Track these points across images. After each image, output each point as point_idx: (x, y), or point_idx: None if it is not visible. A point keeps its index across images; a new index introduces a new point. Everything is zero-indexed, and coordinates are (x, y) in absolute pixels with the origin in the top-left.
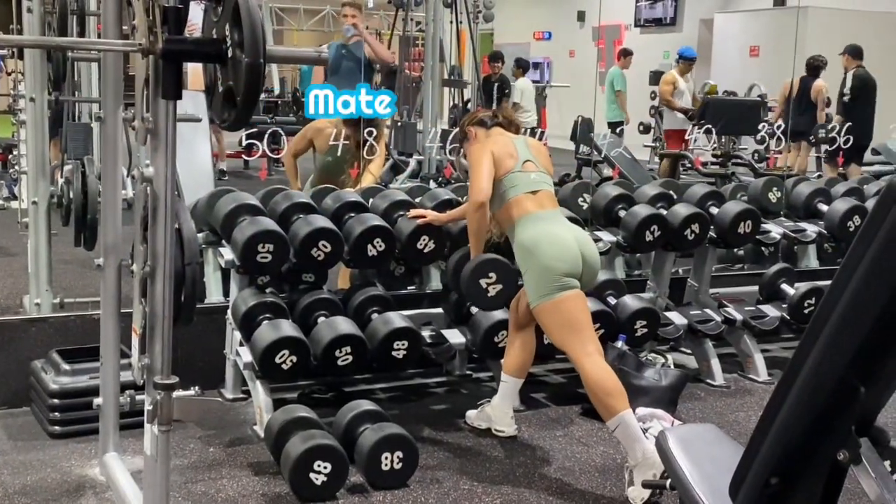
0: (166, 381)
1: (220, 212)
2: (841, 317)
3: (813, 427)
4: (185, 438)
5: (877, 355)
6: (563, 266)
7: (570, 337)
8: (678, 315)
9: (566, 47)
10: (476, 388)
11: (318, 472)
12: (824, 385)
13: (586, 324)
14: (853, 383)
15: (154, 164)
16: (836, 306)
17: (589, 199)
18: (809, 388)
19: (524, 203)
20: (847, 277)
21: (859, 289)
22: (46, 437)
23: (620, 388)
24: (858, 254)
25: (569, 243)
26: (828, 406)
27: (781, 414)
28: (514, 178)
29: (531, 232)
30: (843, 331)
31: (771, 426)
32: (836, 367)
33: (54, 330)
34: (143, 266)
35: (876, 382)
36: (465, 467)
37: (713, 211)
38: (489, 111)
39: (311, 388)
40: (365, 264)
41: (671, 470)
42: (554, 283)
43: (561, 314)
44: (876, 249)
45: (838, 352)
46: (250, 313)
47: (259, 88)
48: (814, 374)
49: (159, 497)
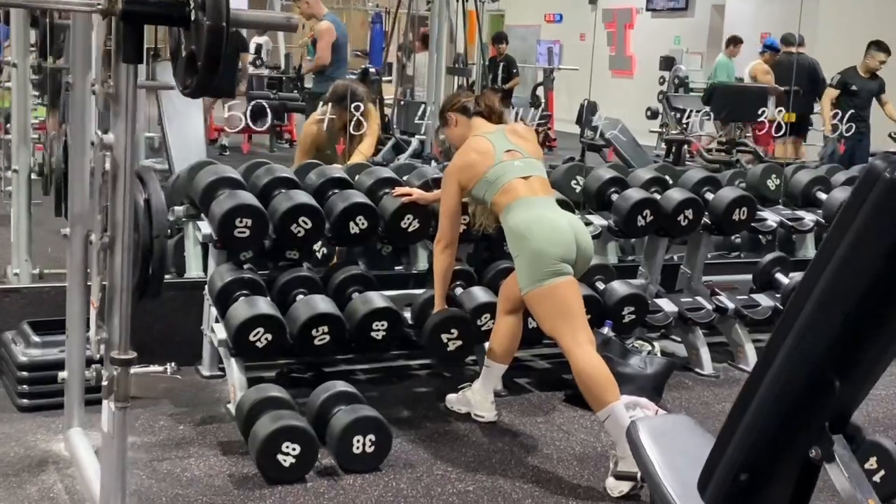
0: (124, 356)
1: (199, 184)
2: (815, 306)
3: (784, 422)
4: (156, 415)
5: (852, 348)
6: (557, 251)
7: (562, 325)
8: (668, 302)
9: (577, 30)
10: (459, 371)
11: (286, 453)
12: (797, 378)
13: (579, 312)
14: (828, 377)
15: (114, 131)
16: (811, 295)
17: (582, 181)
18: (781, 380)
19: (516, 188)
20: (822, 265)
21: (835, 278)
22: (14, 411)
23: (611, 379)
24: (834, 241)
25: (563, 228)
26: (800, 400)
27: (752, 407)
28: (498, 169)
29: (524, 216)
30: (818, 321)
31: (741, 419)
32: (809, 360)
33: (28, 301)
34: (100, 236)
35: (852, 377)
36: (441, 452)
37: (708, 197)
38: (472, 97)
39: (289, 368)
40: (347, 242)
41: (640, 462)
42: (547, 269)
43: (553, 301)
44: (853, 236)
45: (812, 343)
46: (226, 289)
47: (221, 53)
48: (786, 365)
49: (116, 474)
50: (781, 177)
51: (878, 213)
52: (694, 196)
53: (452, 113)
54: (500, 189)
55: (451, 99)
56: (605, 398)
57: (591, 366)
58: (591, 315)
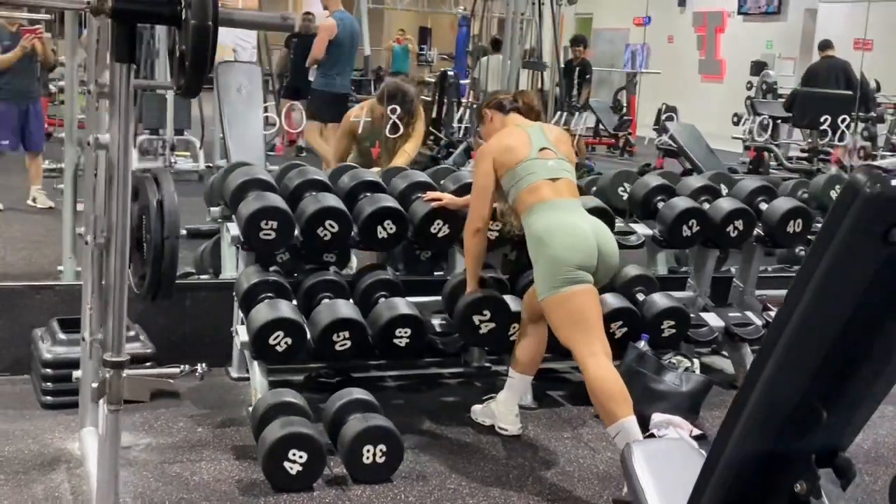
0: (116, 358)
1: (230, 186)
2: (796, 332)
3: (768, 453)
4: (177, 416)
5: (838, 376)
6: (576, 257)
7: (577, 334)
8: (715, 317)
9: (665, 33)
10: (492, 381)
11: (292, 460)
12: (780, 408)
13: (595, 322)
14: (814, 406)
15: (109, 131)
16: (791, 319)
17: (629, 188)
18: (764, 410)
19: (541, 190)
20: (802, 287)
21: (815, 302)
22: (38, 407)
23: (625, 393)
24: (814, 261)
25: (585, 234)
26: (784, 431)
27: (735, 436)
28: (529, 166)
29: (545, 221)
30: (800, 348)
31: (724, 448)
32: (792, 389)
33: (59, 298)
34: (94, 237)
35: (840, 406)
36: (457, 465)
37: (763, 207)
38: (510, 94)
39: (318, 372)
40: (374, 246)
41: (631, 487)
42: (564, 276)
43: (569, 309)
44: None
45: (795, 371)
46: (251, 291)
47: (207, 53)
48: (768, 394)
49: (109, 476)
50: None
51: (858, 230)
52: (744, 206)
53: (489, 109)
54: (526, 187)
55: (489, 96)
56: (617, 413)
57: (604, 378)
58: (627, 328)
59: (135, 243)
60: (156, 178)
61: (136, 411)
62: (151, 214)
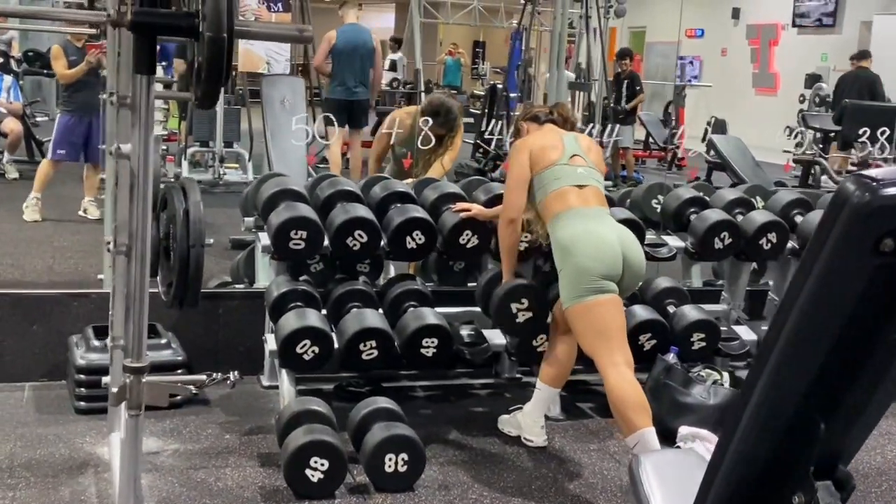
0: (137, 364)
1: (262, 196)
2: (788, 344)
3: (765, 466)
4: (206, 423)
5: (834, 388)
6: (601, 267)
7: (599, 343)
8: (747, 330)
9: (718, 45)
10: (522, 392)
11: (314, 468)
12: (777, 419)
13: (617, 331)
14: (811, 417)
15: (131, 140)
16: (783, 331)
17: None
18: (760, 421)
19: (568, 197)
20: (793, 299)
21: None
22: (71, 413)
23: (644, 404)
24: (804, 273)
25: (610, 243)
26: (781, 442)
27: (731, 449)
28: (558, 171)
29: (571, 230)
30: (793, 360)
31: (721, 462)
32: (788, 399)
33: (95, 305)
34: (116, 245)
35: (838, 417)
36: (481, 475)
37: (797, 220)
38: (545, 107)
39: (347, 382)
40: (404, 257)
41: (636, 499)
42: (588, 285)
43: (592, 319)
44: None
45: (789, 382)
46: (281, 300)
47: (222, 64)
48: (764, 405)
49: (129, 481)
50: None
51: (847, 241)
52: (777, 219)
53: (525, 122)
54: (553, 192)
55: (525, 110)
56: (636, 422)
57: (624, 388)
58: (656, 340)
59: (163, 252)
60: (182, 188)
61: (167, 418)
62: (178, 224)
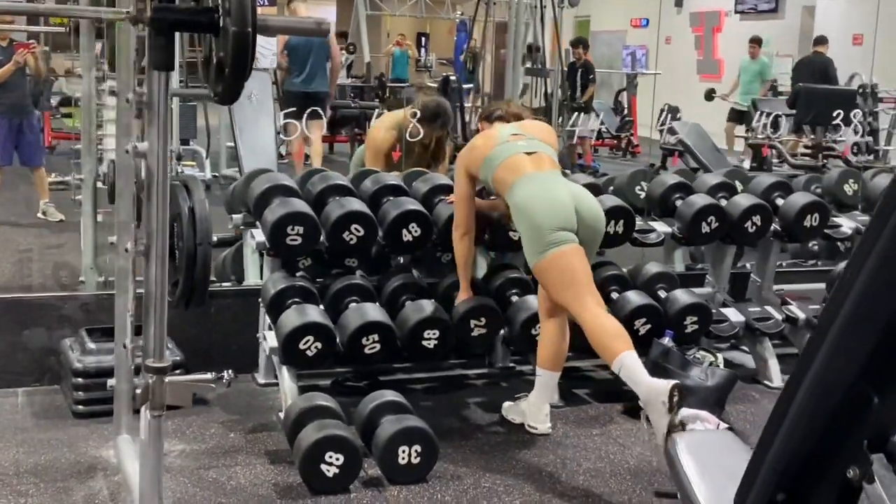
0: (158, 364)
1: (253, 192)
2: (848, 317)
3: (819, 440)
4: (208, 422)
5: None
6: (555, 221)
7: (567, 292)
8: (735, 312)
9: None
10: (517, 381)
11: (329, 463)
12: (831, 394)
13: (584, 277)
14: (865, 392)
15: (148, 139)
16: (844, 306)
17: (646, 186)
18: (815, 396)
19: (520, 164)
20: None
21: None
22: (69, 417)
23: (622, 332)
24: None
25: (561, 199)
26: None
27: (786, 424)
28: (499, 150)
29: (525, 192)
30: (852, 333)
31: (776, 437)
32: (844, 374)
33: (86, 308)
34: (135, 245)
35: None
36: (491, 464)
37: (779, 203)
38: (500, 106)
39: (344, 377)
40: (400, 250)
41: (676, 478)
42: (547, 239)
43: (556, 269)
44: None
45: (846, 358)
46: (279, 297)
47: (247, 59)
48: (820, 380)
49: (152, 482)
50: (859, 181)
51: None
52: (761, 202)
53: (480, 121)
54: (500, 164)
55: (483, 109)
56: (616, 348)
57: (600, 321)
58: (651, 325)
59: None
60: (186, 185)
61: (168, 419)
62: (183, 222)
